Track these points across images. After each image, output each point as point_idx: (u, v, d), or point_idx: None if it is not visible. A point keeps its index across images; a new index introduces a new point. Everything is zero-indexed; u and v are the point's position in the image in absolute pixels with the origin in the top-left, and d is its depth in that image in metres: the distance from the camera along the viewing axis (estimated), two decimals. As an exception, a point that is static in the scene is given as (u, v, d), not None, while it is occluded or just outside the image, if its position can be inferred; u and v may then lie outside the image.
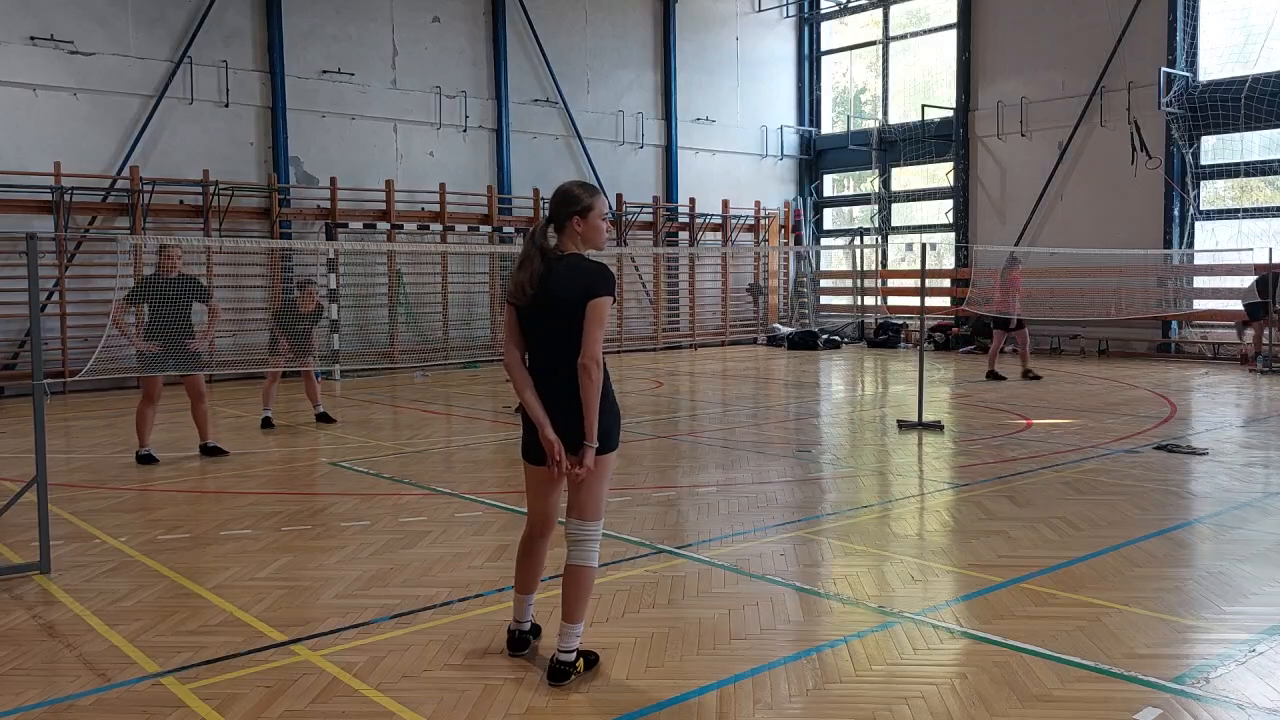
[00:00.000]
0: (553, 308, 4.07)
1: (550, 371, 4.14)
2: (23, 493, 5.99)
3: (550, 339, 4.12)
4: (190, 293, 9.17)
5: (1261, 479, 8.12)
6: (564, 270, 4.09)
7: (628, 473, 8.55)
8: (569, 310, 4.04)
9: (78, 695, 4.09)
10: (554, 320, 4.08)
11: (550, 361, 4.14)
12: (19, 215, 14.45)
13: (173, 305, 8.97)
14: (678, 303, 22.59)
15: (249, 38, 16.87)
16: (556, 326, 4.08)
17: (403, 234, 18.14)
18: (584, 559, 4.16)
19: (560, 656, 4.16)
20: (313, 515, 7.08)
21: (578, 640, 4.19)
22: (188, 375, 9.21)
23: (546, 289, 4.07)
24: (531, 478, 4.31)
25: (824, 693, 4.04)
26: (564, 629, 4.17)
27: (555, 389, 4.11)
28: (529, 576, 4.44)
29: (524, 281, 4.10)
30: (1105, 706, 3.87)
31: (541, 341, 4.15)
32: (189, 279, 9.35)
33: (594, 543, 4.18)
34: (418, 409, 12.59)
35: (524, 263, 4.13)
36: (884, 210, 23.99)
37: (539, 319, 4.12)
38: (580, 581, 4.15)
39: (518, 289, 4.13)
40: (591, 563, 4.17)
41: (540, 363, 4.18)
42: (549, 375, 4.14)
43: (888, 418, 11.51)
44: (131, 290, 9.08)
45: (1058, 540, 6.21)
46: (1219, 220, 19.01)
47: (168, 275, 9.05)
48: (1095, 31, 19.60)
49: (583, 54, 21.11)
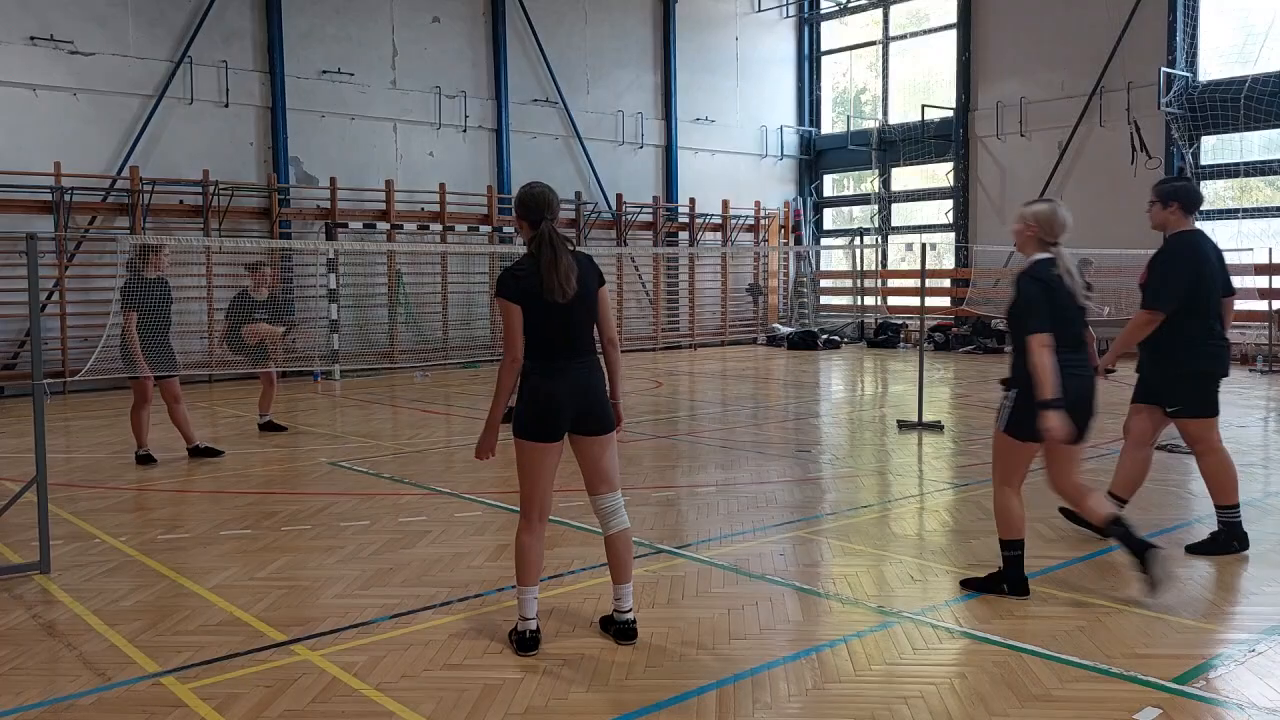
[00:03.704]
0: (583, 300, 4.44)
1: (582, 355, 4.49)
2: (23, 492, 5.99)
3: (581, 328, 4.48)
4: (167, 294, 9.18)
5: (1261, 479, 8.12)
6: (585, 263, 4.53)
7: (627, 473, 8.56)
8: (594, 300, 4.51)
9: (78, 695, 4.09)
10: (583, 311, 4.46)
11: (582, 346, 4.50)
12: (19, 215, 14.45)
13: (157, 307, 9.00)
14: (677, 303, 22.59)
15: (249, 38, 16.87)
16: (585, 317, 4.48)
17: (403, 234, 18.14)
18: (627, 522, 4.63)
19: (630, 616, 4.60)
20: (312, 515, 7.08)
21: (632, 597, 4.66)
22: (168, 378, 9.15)
23: (582, 283, 4.45)
24: (543, 459, 4.47)
25: (824, 692, 4.04)
26: (624, 591, 4.60)
27: (586, 371, 4.49)
28: (538, 565, 4.54)
29: (562, 280, 4.34)
30: (1105, 706, 3.87)
31: (572, 331, 4.45)
32: (164, 281, 9.27)
33: (623, 506, 4.66)
34: (418, 409, 12.59)
35: (556, 262, 4.35)
36: (884, 210, 23.99)
37: (571, 311, 4.41)
38: (630, 543, 4.63)
39: (558, 288, 4.33)
40: (629, 523, 4.67)
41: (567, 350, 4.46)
42: (579, 359, 4.48)
43: (888, 418, 11.51)
44: (128, 296, 9.00)
45: (1057, 540, 6.21)
46: (1219, 220, 19.00)
47: (148, 276, 9.03)
48: (1095, 31, 19.61)
49: (582, 54, 21.11)
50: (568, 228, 20.15)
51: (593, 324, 4.51)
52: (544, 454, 4.45)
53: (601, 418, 4.51)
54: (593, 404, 4.48)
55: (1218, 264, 5.85)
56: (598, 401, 4.50)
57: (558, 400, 4.40)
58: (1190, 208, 5.84)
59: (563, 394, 4.40)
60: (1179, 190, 5.86)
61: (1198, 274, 5.71)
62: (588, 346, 4.50)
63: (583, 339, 4.48)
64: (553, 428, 4.43)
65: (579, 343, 4.46)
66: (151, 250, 9.13)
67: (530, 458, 4.46)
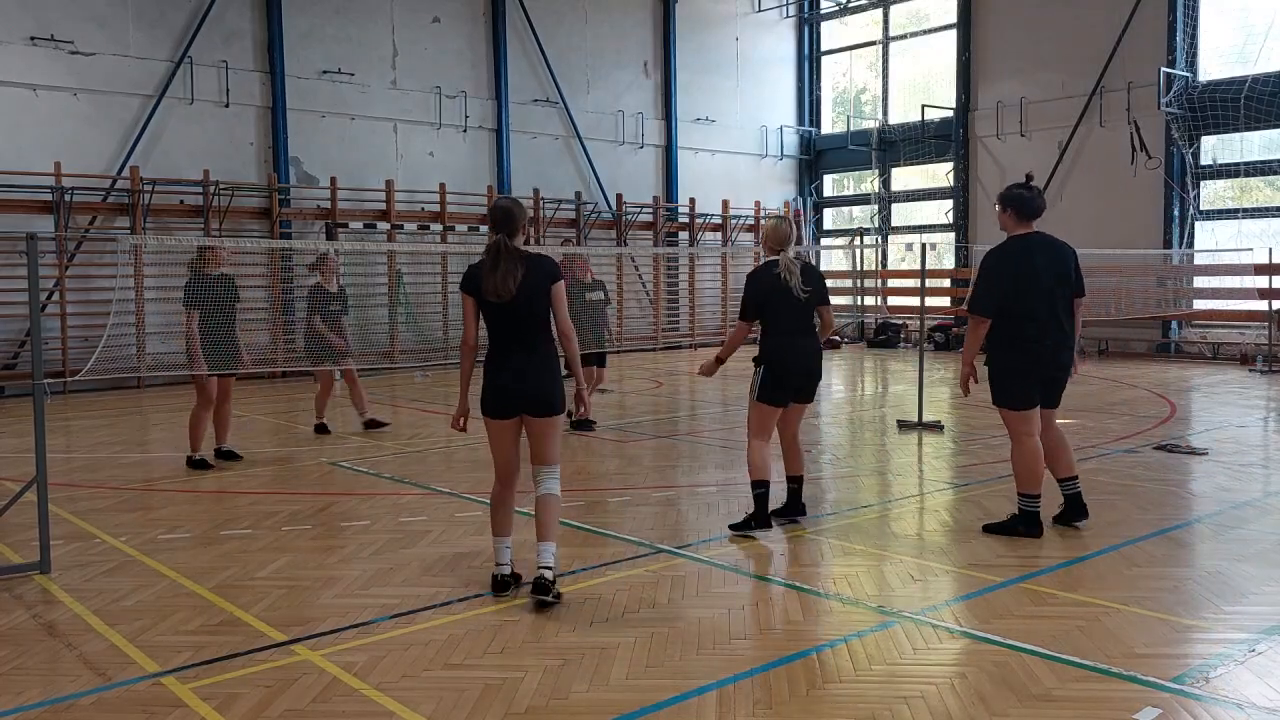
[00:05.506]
0: (527, 299, 5.04)
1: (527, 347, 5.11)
2: (23, 492, 5.99)
3: (524, 324, 5.09)
4: (232, 291, 8.98)
5: (1261, 479, 8.12)
6: (535, 265, 5.12)
7: (628, 472, 8.56)
8: (540, 297, 5.08)
9: (78, 695, 4.09)
10: (526, 309, 5.05)
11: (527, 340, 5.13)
12: (19, 215, 14.45)
13: (221, 303, 8.78)
14: (677, 303, 22.59)
15: (249, 38, 16.87)
16: (528, 314, 5.07)
17: (403, 234, 18.14)
18: (555, 489, 5.20)
19: (545, 573, 4.99)
20: (313, 515, 7.08)
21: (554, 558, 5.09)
22: (225, 376, 8.92)
23: (527, 284, 5.05)
24: (498, 434, 5.17)
25: (824, 693, 4.05)
26: (544, 549, 5.05)
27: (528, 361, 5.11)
28: (508, 520, 5.28)
29: (498, 284, 5.00)
30: (1105, 706, 3.88)
31: (516, 326, 5.08)
32: (228, 278, 9.07)
33: (557, 479, 5.24)
34: (418, 409, 12.59)
35: (495, 267, 5.01)
36: (884, 210, 23.99)
37: (514, 309, 5.04)
38: (554, 507, 5.16)
39: (493, 290, 5.00)
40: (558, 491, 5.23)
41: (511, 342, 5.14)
42: (523, 350, 5.11)
43: (888, 418, 11.51)
44: (189, 295, 8.68)
45: (1057, 540, 6.21)
46: (1219, 220, 19.02)
47: (210, 274, 8.81)
48: (1095, 31, 19.60)
49: (583, 54, 21.12)
50: (568, 227, 20.17)
51: (539, 319, 5.08)
52: (498, 429, 5.17)
53: (539, 403, 5.09)
54: (532, 391, 5.07)
55: (1054, 265, 6.22)
56: (537, 389, 5.07)
57: (501, 384, 5.08)
58: (1024, 214, 6.29)
59: (505, 380, 5.08)
60: (1013, 198, 6.31)
61: (1013, 276, 6.17)
62: (535, 339, 5.08)
63: (528, 333, 5.07)
64: (500, 408, 5.11)
65: (524, 336, 5.07)
66: (208, 248, 8.91)
67: (490, 431, 5.21)
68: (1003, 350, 6.24)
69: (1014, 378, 6.20)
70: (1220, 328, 18.85)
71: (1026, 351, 6.16)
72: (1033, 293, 6.14)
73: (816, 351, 6.45)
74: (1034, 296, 6.14)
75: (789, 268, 6.27)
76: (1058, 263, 6.23)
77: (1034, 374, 6.19)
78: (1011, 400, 6.23)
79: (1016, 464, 6.33)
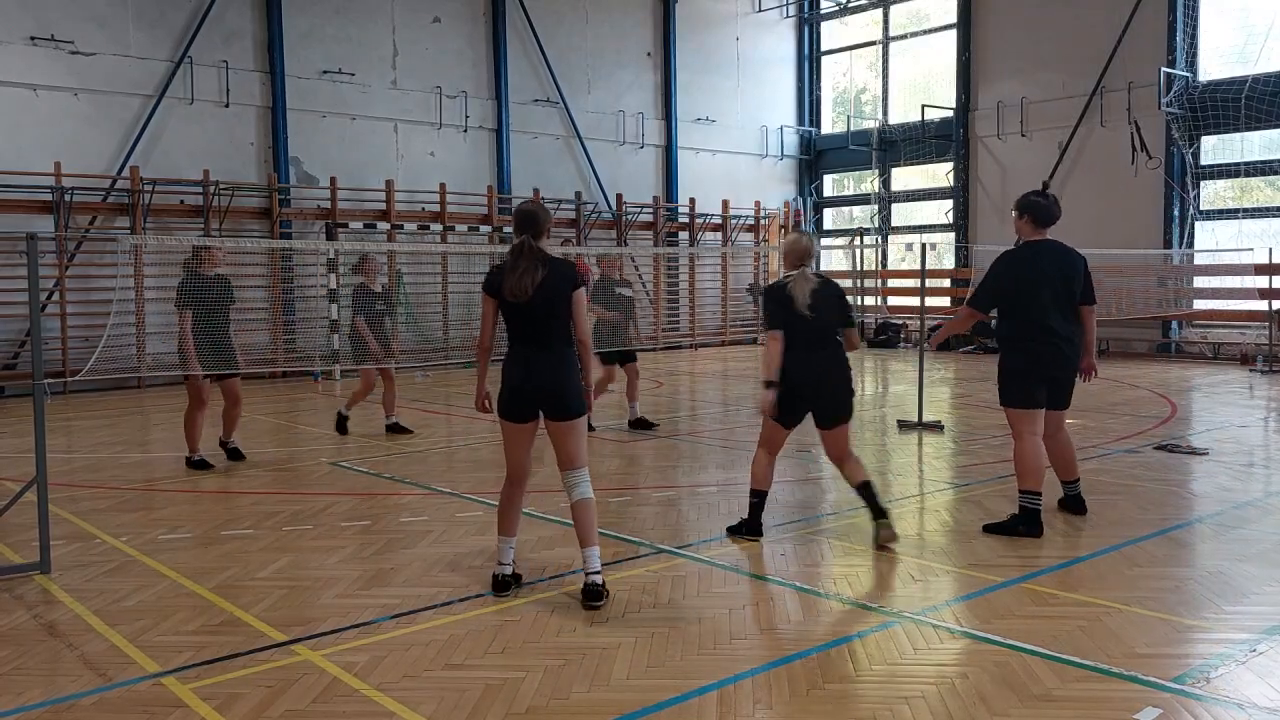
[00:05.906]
0: (546, 301, 5.03)
1: (545, 348, 5.09)
2: (23, 493, 5.99)
3: (542, 325, 5.07)
4: (228, 292, 8.91)
5: (1261, 479, 8.12)
6: (557, 269, 5.11)
7: (628, 472, 8.56)
8: (561, 301, 5.05)
9: (79, 695, 4.09)
10: (545, 311, 5.04)
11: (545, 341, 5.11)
12: (19, 215, 14.45)
13: (216, 305, 8.72)
14: (678, 303, 22.59)
15: (249, 38, 16.87)
16: (546, 316, 5.05)
17: (403, 234, 18.13)
18: (588, 492, 5.12)
19: (594, 578, 5.01)
20: (313, 515, 7.08)
21: (599, 561, 5.08)
22: (229, 378, 8.82)
23: (548, 286, 5.03)
24: (512, 434, 5.15)
25: (824, 693, 4.05)
26: (590, 555, 5.06)
27: (546, 363, 5.08)
28: (515, 521, 5.28)
29: (516, 285, 5.00)
30: (1105, 706, 3.88)
31: (533, 326, 5.07)
32: (224, 279, 8.99)
33: (588, 481, 5.17)
34: (418, 409, 12.59)
35: (515, 268, 5.02)
36: (884, 210, 23.99)
37: (532, 310, 5.02)
38: (591, 510, 5.10)
39: (512, 290, 5.00)
40: (591, 494, 5.15)
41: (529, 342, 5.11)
42: (542, 352, 5.08)
43: (888, 418, 11.51)
44: (182, 295, 8.61)
45: (1058, 540, 6.21)
46: (1219, 220, 19.02)
47: (206, 274, 8.74)
48: (1095, 31, 19.60)
49: (583, 54, 21.12)
50: (568, 227, 20.16)
51: (556, 322, 5.06)
52: (514, 431, 5.16)
53: (560, 406, 5.05)
54: (553, 393, 5.04)
55: (1061, 271, 6.37)
56: (558, 391, 5.04)
57: (515, 384, 5.06)
58: (1039, 221, 6.45)
59: (521, 380, 5.05)
60: (1030, 205, 6.49)
61: (1017, 280, 6.35)
62: (553, 341, 5.06)
63: (545, 334, 5.05)
64: (517, 410, 5.09)
65: (541, 337, 5.06)
66: (205, 248, 8.83)
67: (505, 433, 5.19)
68: (1007, 351, 6.48)
69: (1016, 378, 6.39)
70: (1221, 328, 18.85)
71: (1027, 353, 6.38)
72: (1036, 296, 6.32)
73: (832, 364, 6.12)
74: (1037, 300, 6.32)
75: (799, 286, 6.04)
76: (1065, 269, 6.40)
77: (1034, 374, 6.36)
78: (1015, 399, 6.40)
79: (1018, 460, 6.41)
